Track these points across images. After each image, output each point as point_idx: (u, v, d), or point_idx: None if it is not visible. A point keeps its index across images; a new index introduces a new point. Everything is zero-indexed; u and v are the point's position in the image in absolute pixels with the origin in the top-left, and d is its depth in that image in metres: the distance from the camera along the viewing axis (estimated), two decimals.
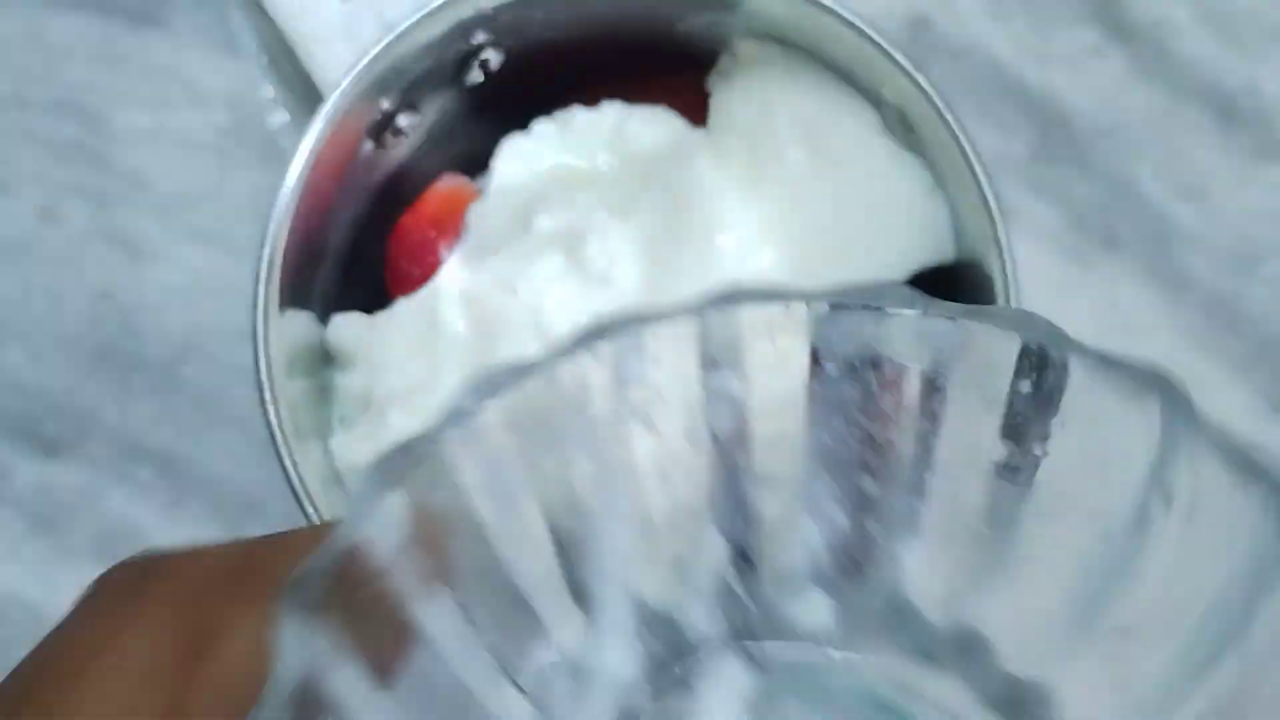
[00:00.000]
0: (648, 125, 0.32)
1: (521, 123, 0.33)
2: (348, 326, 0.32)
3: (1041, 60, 0.43)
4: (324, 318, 0.32)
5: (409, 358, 0.31)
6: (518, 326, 0.30)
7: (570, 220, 0.30)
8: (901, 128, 0.30)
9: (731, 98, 0.31)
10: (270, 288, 0.28)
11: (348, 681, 0.14)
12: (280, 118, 0.42)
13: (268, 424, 0.28)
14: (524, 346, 0.30)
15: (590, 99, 0.32)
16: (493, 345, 0.30)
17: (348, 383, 0.32)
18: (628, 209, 0.30)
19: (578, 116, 0.32)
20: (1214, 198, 0.43)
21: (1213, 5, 0.44)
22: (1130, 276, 0.43)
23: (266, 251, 0.28)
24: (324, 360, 0.33)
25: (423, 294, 0.32)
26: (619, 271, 0.30)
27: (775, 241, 0.30)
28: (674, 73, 0.33)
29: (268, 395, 0.28)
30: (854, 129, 0.31)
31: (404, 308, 0.32)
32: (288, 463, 0.28)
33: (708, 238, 0.30)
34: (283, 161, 0.41)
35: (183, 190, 0.42)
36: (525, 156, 0.32)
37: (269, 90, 0.42)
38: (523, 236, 0.31)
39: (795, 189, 0.30)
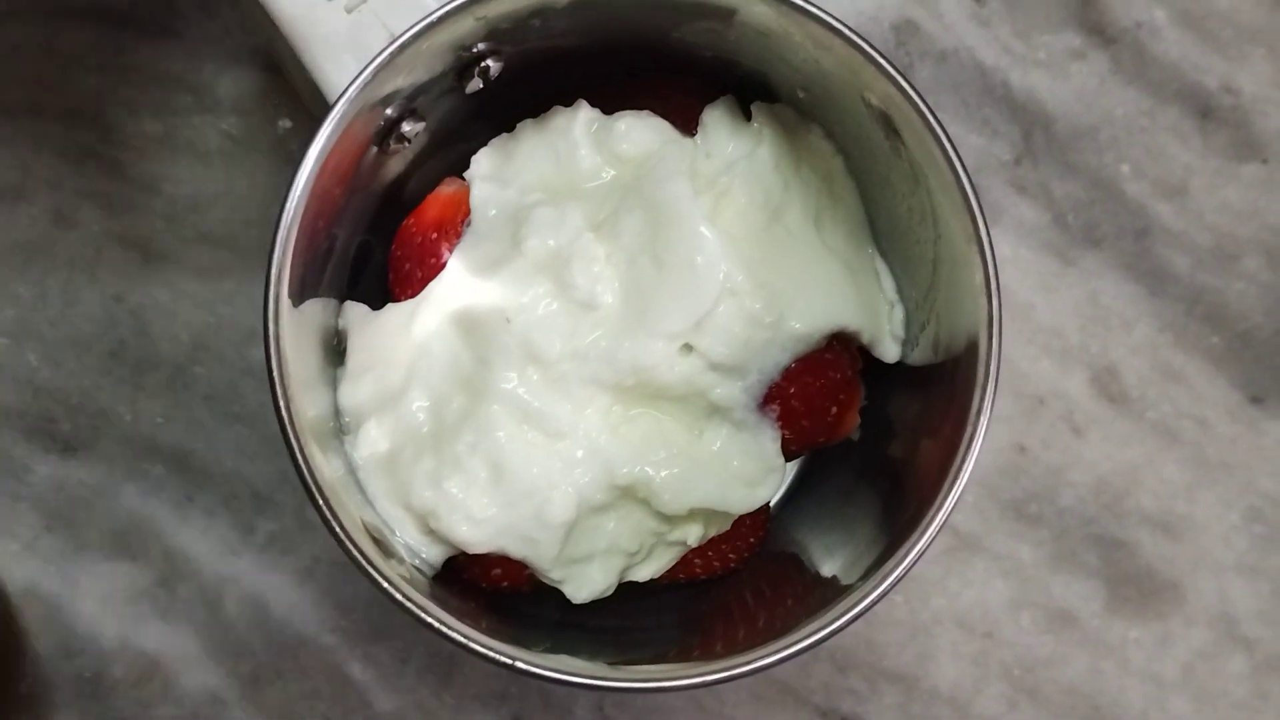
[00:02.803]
0: (635, 129, 0.33)
1: None
2: (354, 314, 0.33)
3: (1024, 63, 0.45)
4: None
5: (383, 365, 0.32)
6: (511, 354, 0.31)
7: (559, 243, 0.32)
8: (886, 131, 0.31)
9: (761, 155, 0.33)
10: (281, 288, 0.29)
11: None
12: (287, 124, 0.43)
13: (280, 421, 0.29)
14: (518, 372, 0.31)
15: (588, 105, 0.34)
16: (486, 370, 0.32)
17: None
18: (612, 228, 0.32)
19: (555, 115, 0.34)
20: (1193, 195, 0.45)
21: (1191, 8, 0.45)
22: (1111, 272, 0.44)
23: (277, 253, 0.29)
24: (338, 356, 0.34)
25: (410, 306, 0.33)
26: (602, 295, 0.32)
27: (744, 267, 0.31)
28: (668, 80, 0.35)
29: (280, 392, 0.29)
30: (845, 224, 0.34)
31: (390, 316, 0.33)
32: (300, 458, 0.29)
33: (688, 260, 0.31)
34: (290, 167, 0.42)
35: (192, 194, 0.43)
36: (507, 153, 0.34)
37: (276, 98, 0.43)
38: (515, 259, 0.32)
39: (782, 245, 0.33)
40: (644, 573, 0.34)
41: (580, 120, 0.33)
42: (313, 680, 0.42)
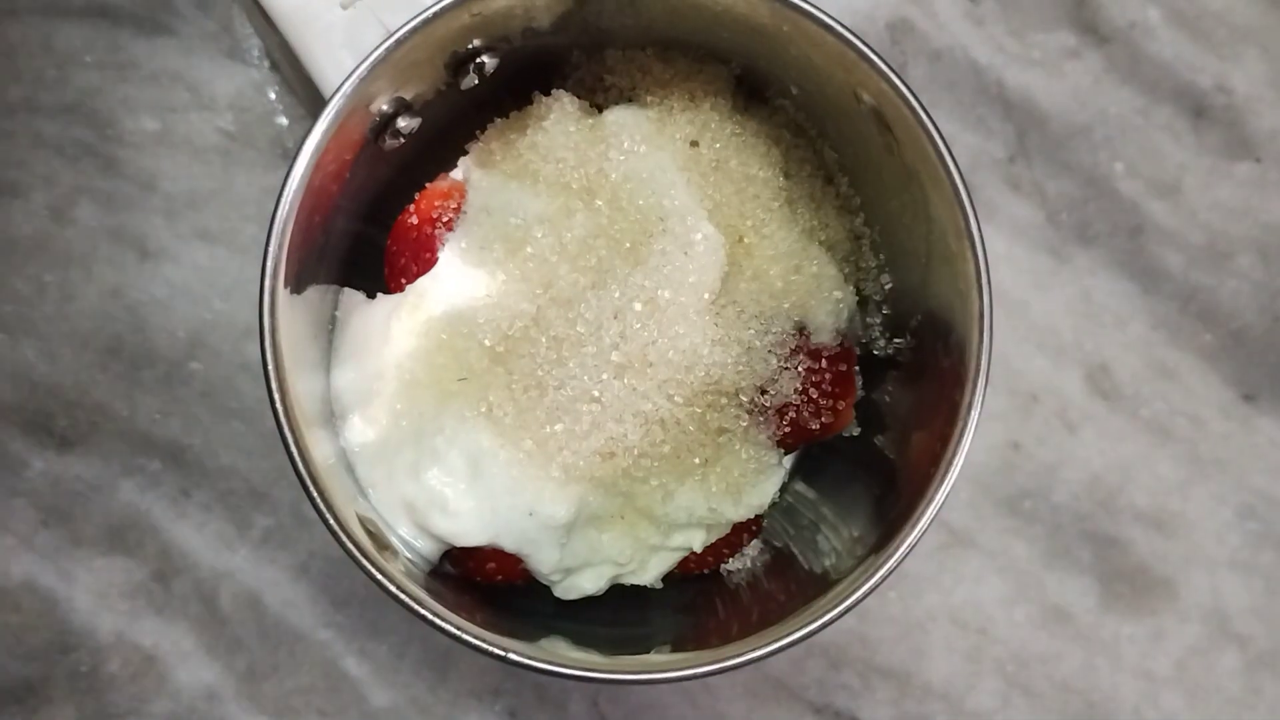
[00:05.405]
0: (625, 122, 0.33)
1: None
2: (349, 303, 0.33)
3: (1019, 62, 0.45)
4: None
5: (368, 355, 0.33)
6: None
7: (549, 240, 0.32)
8: (878, 126, 0.31)
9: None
10: (277, 282, 0.29)
11: None
12: (283, 121, 0.43)
13: (274, 408, 0.29)
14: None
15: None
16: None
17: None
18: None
19: (539, 107, 0.34)
20: (1186, 194, 0.45)
21: (1184, 7, 0.45)
22: (1105, 270, 0.45)
23: (273, 248, 0.29)
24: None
25: (398, 298, 0.33)
26: None
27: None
28: (660, 77, 0.35)
29: (274, 382, 0.29)
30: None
31: (378, 307, 0.33)
32: (292, 445, 0.29)
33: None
34: (287, 163, 0.43)
35: (189, 191, 0.43)
36: (497, 147, 0.34)
37: (272, 94, 0.43)
38: (505, 254, 0.32)
39: None
40: (646, 577, 0.35)
41: (564, 112, 0.33)
42: (308, 675, 0.42)
